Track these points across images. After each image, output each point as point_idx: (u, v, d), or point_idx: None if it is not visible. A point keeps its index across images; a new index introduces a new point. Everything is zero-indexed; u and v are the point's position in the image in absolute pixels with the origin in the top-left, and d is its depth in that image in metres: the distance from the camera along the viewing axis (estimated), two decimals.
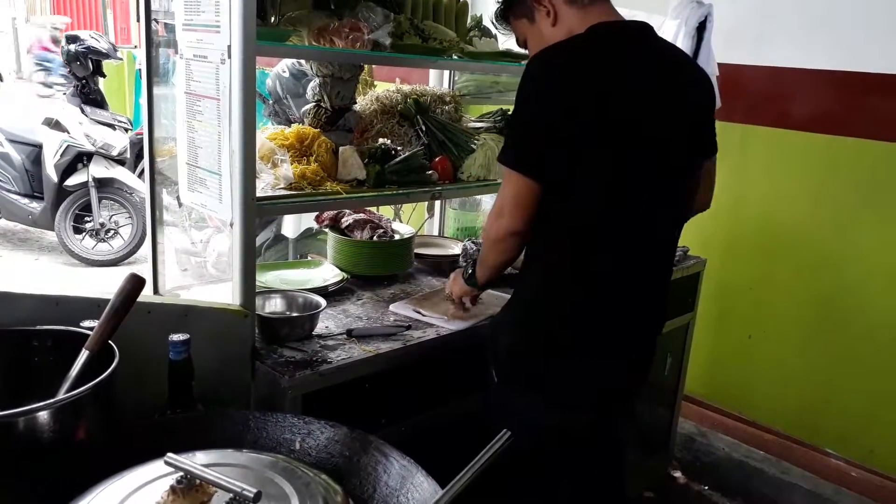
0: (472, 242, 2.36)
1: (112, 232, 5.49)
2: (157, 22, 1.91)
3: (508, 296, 2.13)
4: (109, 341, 1.22)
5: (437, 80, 2.76)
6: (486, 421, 1.69)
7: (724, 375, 3.32)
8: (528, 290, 1.62)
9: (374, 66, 2.70)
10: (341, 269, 2.21)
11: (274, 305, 1.89)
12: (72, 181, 5.28)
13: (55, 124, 5.40)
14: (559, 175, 1.45)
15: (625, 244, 1.53)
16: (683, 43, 2.66)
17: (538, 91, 1.45)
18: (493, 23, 1.78)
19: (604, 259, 1.53)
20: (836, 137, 2.85)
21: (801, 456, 3.05)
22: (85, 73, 5.51)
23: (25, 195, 5.42)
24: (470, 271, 1.81)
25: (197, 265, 3.55)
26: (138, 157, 5.44)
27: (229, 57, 1.52)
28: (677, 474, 3.08)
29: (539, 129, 1.44)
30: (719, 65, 2.83)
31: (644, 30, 1.55)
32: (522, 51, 2.29)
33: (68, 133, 5.33)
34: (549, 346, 1.56)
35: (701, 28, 2.68)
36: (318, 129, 2.03)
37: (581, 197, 1.48)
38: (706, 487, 3.04)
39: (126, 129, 5.67)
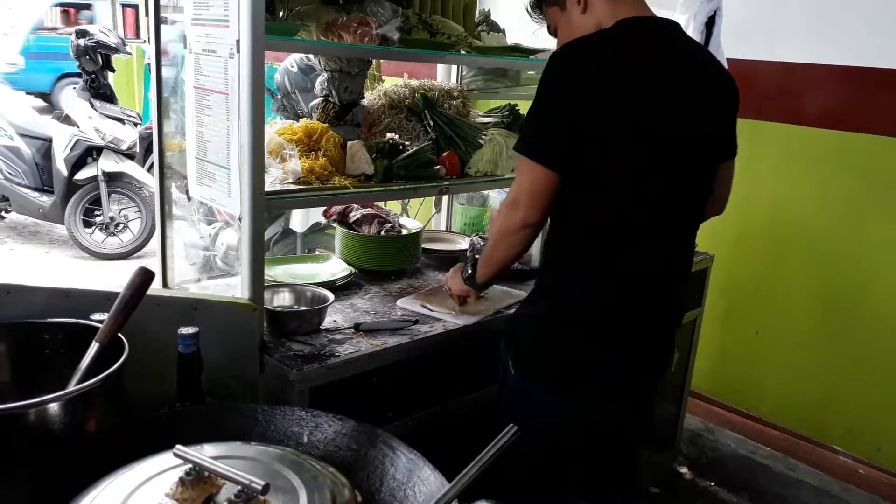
0: (480, 237, 2.35)
1: (122, 226, 5.51)
2: (167, 17, 1.92)
3: (517, 291, 2.12)
4: (119, 334, 1.23)
5: (444, 75, 2.75)
6: (502, 414, 1.70)
7: (731, 371, 3.32)
8: (552, 285, 1.61)
9: (382, 60, 2.70)
10: (349, 264, 2.21)
11: (282, 299, 1.89)
12: (81, 175, 5.30)
13: (65, 118, 5.42)
14: (583, 171, 1.44)
15: (649, 241, 1.53)
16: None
17: (562, 84, 1.43)
18: (527, 11, 1.77)
19: (629, 255, 1.52)
20: (847, 133, 2.84)
21: (808, 452, 3.04)
22: (94, 68, 5.53)
23: (36, 189, 5.45)
24: (469, 271, 1.80)
25: (206, 259, 3.56)
26: (147, 151, 5.46)
27: (238, 51, 1.53)
28: (683, 470, 3.08)
29: (561, 122, 1.43)
30: (728, 60, 2.81)
31: (672, 28, 1.54)
32: (530, 45, 2.30)
33: (78, 127, 5.35)
34: (573, 341, 1.56)
35: (710, 23, 2.66)
36: (327, 124, 2.03)
37: (606, 193, 1.47)
38: (712, 483, 3.03)
39: (135, 124, 5.68)
